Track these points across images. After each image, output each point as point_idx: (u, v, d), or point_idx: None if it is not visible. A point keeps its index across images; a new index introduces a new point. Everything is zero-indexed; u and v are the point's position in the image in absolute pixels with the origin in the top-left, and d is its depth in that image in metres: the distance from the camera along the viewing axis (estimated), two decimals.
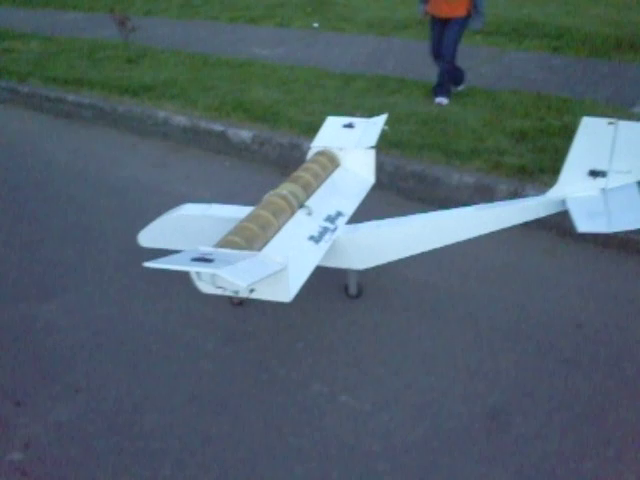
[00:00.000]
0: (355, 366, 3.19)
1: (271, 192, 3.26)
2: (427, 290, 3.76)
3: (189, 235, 3.56)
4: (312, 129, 5.07)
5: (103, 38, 9.57)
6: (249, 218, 3.00)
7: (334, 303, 3.68)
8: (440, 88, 6.16)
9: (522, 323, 3.46)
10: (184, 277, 3.54)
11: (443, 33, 5.95)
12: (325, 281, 3.78)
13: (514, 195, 4.45)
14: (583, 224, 2.87)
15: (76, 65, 8.23)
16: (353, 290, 3.71)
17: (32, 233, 4.62)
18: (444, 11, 5.84)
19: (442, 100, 6.13)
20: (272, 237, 2.97)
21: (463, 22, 5.87)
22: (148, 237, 3.72)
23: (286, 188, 3.30)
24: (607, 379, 3.06)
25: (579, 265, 3.99)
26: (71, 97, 7.15)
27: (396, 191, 4.96)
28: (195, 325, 3.55)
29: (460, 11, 5.79)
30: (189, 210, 3.59)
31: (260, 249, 2.85)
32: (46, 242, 4.48)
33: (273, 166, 5.60)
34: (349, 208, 3.52)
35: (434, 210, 3.34)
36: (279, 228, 3.04)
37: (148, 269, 3.71)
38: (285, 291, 2.76)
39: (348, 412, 2.92)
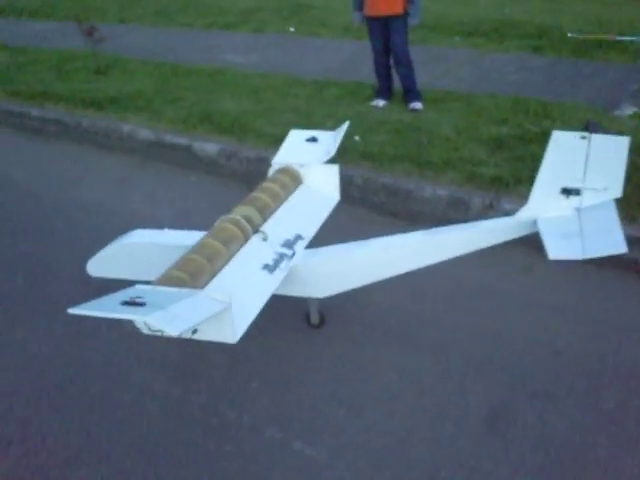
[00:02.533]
0: (312, 407, 2.93)
1: (223, 217, 3.00)
2: (395, 316, 3.51)
3: (138, 264, 3.28)
4: (280, 141, 4.82)
5: (73, 48, 9.15)
6: (196, 248, 2.76)
7: (295, 334, 3.42)
8: (411, 93, 5.92)
9: (495, 352, 3.20)
10: None
11: (386, 36, 5.75)
12: (286, 309, 3.52)
13: (489, 208, 4.20)
14: (555, 249, 2.62)
15: (43, 77, 7.92)
16: (315, 319, 3.45)
17: None
18: (382, 9, 5.62)
19: (416, 104, 5.87)
20: (220, 269, 2.72)
21: (404, 19, 5.67)
22: (97, 266, 3.43)
23: (240, 212, 3.05)
24: (585, 415, 2.80)
25: (557, 283, 3.73)
26: (35, 112, 6.87)
27: (366, 206, 4.70)
28: (143, 363, 3.29)
29: (398, 8, 5.58)
30: (138, 237, 3.32)
31: (205, 284, 2.60)
32: None
33: (240, 180, 5.33)
34: (310, 231, 3.27)
35: (406, 226, 3.08)
36: (229, 258, 2.80)
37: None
38: (230, 331, 2.51)
39: (301, 461, 2.66)
